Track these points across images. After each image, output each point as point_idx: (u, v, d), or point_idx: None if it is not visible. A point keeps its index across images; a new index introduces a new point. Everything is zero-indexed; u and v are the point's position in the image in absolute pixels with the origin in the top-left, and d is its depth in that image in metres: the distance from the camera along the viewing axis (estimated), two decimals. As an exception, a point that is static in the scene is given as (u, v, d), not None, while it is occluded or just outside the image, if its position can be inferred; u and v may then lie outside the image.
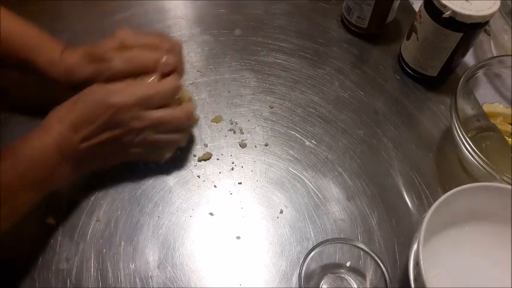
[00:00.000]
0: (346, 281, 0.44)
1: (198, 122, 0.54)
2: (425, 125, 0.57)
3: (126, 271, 0.43)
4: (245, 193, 0.49)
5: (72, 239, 0.45)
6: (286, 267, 0.45)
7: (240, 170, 0.51)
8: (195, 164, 0.51)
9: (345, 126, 0.55)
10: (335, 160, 0.52)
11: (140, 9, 0.65)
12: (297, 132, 0.54)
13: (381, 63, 0.62)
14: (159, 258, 0.44)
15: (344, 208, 0.49)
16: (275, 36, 0.64)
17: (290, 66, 0.61)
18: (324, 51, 0.63)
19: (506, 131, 0.56)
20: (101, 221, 0.46)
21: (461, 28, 0.51)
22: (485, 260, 0.45)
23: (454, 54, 0.54)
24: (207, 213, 0.48)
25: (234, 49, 0.62)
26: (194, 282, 0.43)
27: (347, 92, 0.59)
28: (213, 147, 0.52)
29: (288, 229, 0.47)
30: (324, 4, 0.69)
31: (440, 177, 0.52)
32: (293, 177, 0.51)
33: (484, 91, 0.59)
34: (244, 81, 0.58)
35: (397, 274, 0.45)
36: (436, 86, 0.60)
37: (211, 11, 0.66)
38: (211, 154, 0.51)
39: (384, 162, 0.53)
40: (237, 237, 0.46)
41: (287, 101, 0.57)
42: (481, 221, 0.45)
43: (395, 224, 0.48)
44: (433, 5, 0.51)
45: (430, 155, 0.54)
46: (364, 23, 0.62)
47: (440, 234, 0.44)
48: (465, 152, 0.47)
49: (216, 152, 0.52)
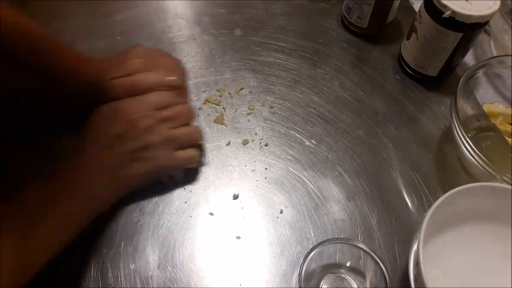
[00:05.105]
0: (346, 281, 0.44)
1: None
2: (425, 125, 0.57)
3: (126, 271, 0.43)
4: (245, 193, 0.49)
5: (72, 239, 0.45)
6: (286, 267, 0.45)
7: (240, 170, 0.51)
8: (195, 164, 0.51)
9: (345, 126, 0.55)
10: (335, 160, 0.52)
11: (140, 9, 0.65)
12: (297, 132, 0.54)
13: (380, 63, 0.62)
14: (159, 258, 0.44)
15: (344, 208, 0.49)
16: (275, 36, 0.64)
17: (290, 66, 0.61)
18: (324, 51, 0.63)
19: (506, 131, 0.56)
20: (101, 221, 0.46)
21: (461, 28, 0.51)
22: (485, 260, 0.45)
23: (454, 54, 0.54)
24: (207, 213, 0.48)
25: (234, 49, 0.62)
26: (194, 282, 0.43)
27: (347, 92, 0.59)
28: (213, 147, 0.52)
29: (288, 229, 0.47)
30: (324, 4, 0.69)
31: (440, 177, 0.52)
32: (293, 177, 0.51)
33: (484, 91, 0.59)
34: (244, 81, 0.58)
35: (397, 274, 0.45)
36: (436, 86, 0.60)
37: (211, 11, 0.66)
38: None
39: (384, 162, 0.53)
40: (237, 237, 0.46)
41: (287, 101, 0.57)
42: (481, 221, 0.45)
43: (395, 224, 0.48)
44: (433, 5, 0.51)
45: (430, 155, 0.54)
46: (364, 23, 0.62)
47: (440, 234, 0.44)
48: (465, 152, 0.47)
49: (216, 152, 0.52)
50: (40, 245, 0.36)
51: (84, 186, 0.41)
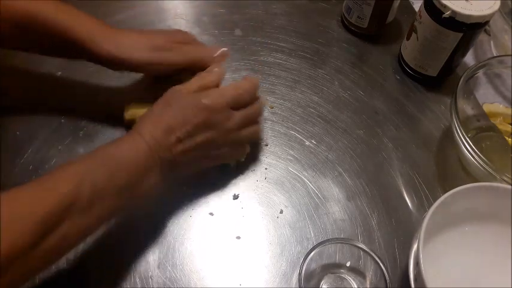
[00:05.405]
0: (346, 281, 0.44)
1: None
2: (425, 125, 0.57)
3: (126, 271, 0.43)
4: (245, 193, 0.49)
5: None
6: (286, 267, 0.45)
7: (240, 170, 0.51)
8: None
9: (345, 126, 0.55)
10: (335, 160, 0.52)
11: (140, 9, 0.65)
12: (297, 132, 0.54)
13: (380, 63, 0.62)
14: (159, 258, 0.44)
15: (344, 208, 0.49)
16: (275, 36, 0.64)
17: (290, 66, 0.61)
18: (324, 51, 0.63)
19: (506, 131, 0.56)
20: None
21: (461, 28, 0.51)
22: (485, 260, 0.45)
23: (454, 54, 0.54)
24: (207, 213, 0.48)
25: (234, 49, 0.62)
26: (194, 282, 0.43)
27: (347, 92, 0.59)
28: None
29: (288, 229, 0.47)
30: (324, 4, 0.69)
31: (440, 177, 0.52)
32: (293, 177, 0.51)
33: (484, 91, 0.59)
34: (244, 81, 0.58)
35: (397, 274, 0.45)
36: (436, 86, 0.60)
37: (211, 11, 0.66)
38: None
39: (384, 162, 0.53)
40: (237, 237, 0.46)
41: (287, 101, 0.57)
42: (481, 221, 0.45)
43: (395, 224, 0.48)
44: (433, 5, 0.51)
45: (430, 155, 0.54)
46: (364, 23, 0.62)
47: (440, 234, 0.44)
48: (465, 152, 0.47)
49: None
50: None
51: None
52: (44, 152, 0.50)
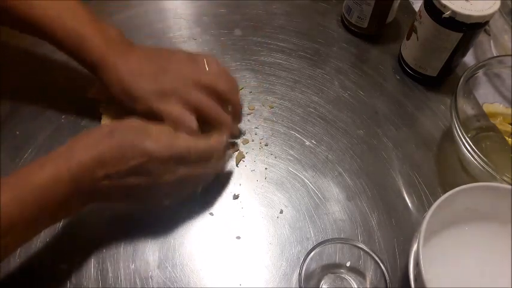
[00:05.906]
0: (346, 281, 0.44)
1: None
2: (425, 125, 0.57)
3: (126, 271, 0.43)
4: (245, 193, 0.49)
5: (72, 239, 0.45)
6: (286, 267, 0.45)
7: (240, 170, 0.51)
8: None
9: (345, 126, 0.55)
10: (335, 160, 0.52)
11: (140, 9, 0.65)
12: (297, 132, 0.54)
13: (380, 63, 0.62)
14: (159, 258, 0.44)
15: (344, 208, 0.49)
16: (275, 36, 0.64)
17: (290, 66, 0.61)
18: (324, 51, 0.63)
19: (506, 131, 0.56)
20: (100, 221, 0.46)
21: (461, 28, 0.51)
22: (485, 260, 0.45)
23: (454, 54, 0.54)
24: (207, 213, 0.48)
25: (234, 49, 0.62)
26: (194, 282, 0.43)
27: (347, 92, 0.59)
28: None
29: (288, 229, 0.47)
30: (324, 4, 0.69)
31: (440, 177, 0.52)
32: (293, 177, 0.51)
33: (484, 91, 0.59)
34: (244, 81, 0.58)
35: (397, 274, 0.45)
36: (436, 86, 0.60)
37: (211, 11, 0.66)
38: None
39: (384, 162, 0.53)
40: (237, 237, 0.46)
41: (287, 101, 0.57)
42: (481, 221, 0.45)
43: (395, 224, 0.48)
44: (433, 5, 0.51)
45: (430, 155, 0.54)
46: (364, 23, 0.62)
47: (440, 234, 0.44)
48: (465, 152, 0.47)
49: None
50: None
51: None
52: (44, 152, 0.50)
